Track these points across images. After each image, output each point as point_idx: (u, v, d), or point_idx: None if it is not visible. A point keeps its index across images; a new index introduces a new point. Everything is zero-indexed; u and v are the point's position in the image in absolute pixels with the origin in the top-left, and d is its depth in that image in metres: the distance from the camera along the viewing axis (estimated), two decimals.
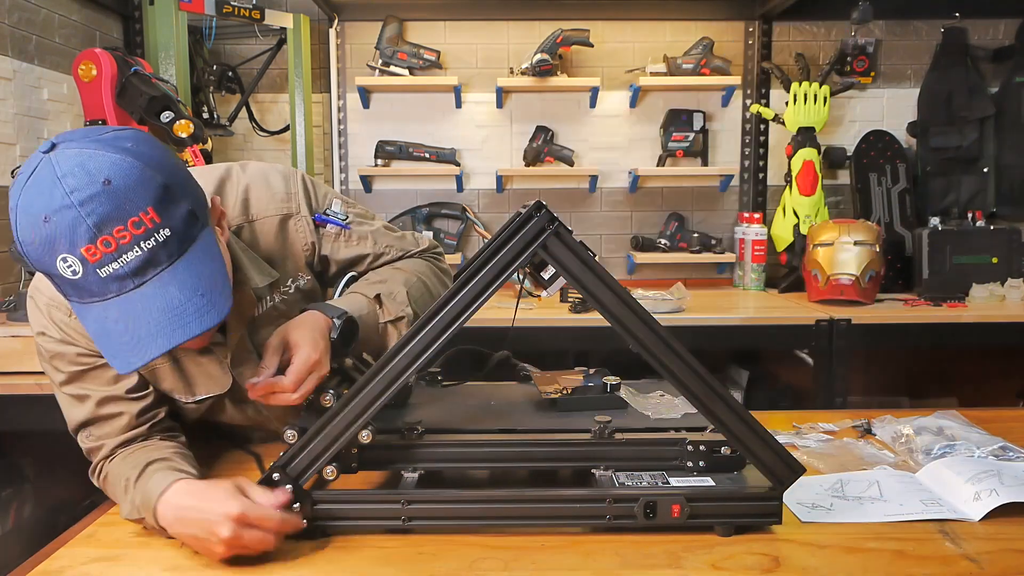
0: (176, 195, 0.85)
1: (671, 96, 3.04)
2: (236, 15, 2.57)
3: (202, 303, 0.86)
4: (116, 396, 1.06)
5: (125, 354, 0.85)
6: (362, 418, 0.96)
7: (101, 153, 0.82)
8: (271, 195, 1.15)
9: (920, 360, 3.04)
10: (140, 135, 0.87)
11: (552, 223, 0.92)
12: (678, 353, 0.94)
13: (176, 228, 0.85)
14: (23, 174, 0.83)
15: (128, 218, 0.81)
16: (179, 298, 0.85)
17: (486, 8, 2.94)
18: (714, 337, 2.38)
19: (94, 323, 0.85)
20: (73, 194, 0.79)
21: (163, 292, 0.84)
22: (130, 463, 1.03)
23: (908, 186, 2.95)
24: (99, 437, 1.07)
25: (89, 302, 0.85)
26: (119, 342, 0.85)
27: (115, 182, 0.81)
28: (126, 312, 0.84)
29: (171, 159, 0.89)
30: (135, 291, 0.83)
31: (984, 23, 3.01)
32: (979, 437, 1.29)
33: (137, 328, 0.84)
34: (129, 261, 0.82)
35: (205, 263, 0.88)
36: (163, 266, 0.84)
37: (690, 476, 1.04)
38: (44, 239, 0.80)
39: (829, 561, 0.92)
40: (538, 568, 0.91)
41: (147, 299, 0.84)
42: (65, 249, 0.80)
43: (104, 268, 0.81)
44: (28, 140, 2.21)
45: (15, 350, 1.71)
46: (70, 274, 0.82)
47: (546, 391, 1.23)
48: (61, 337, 1.04)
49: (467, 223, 3.03)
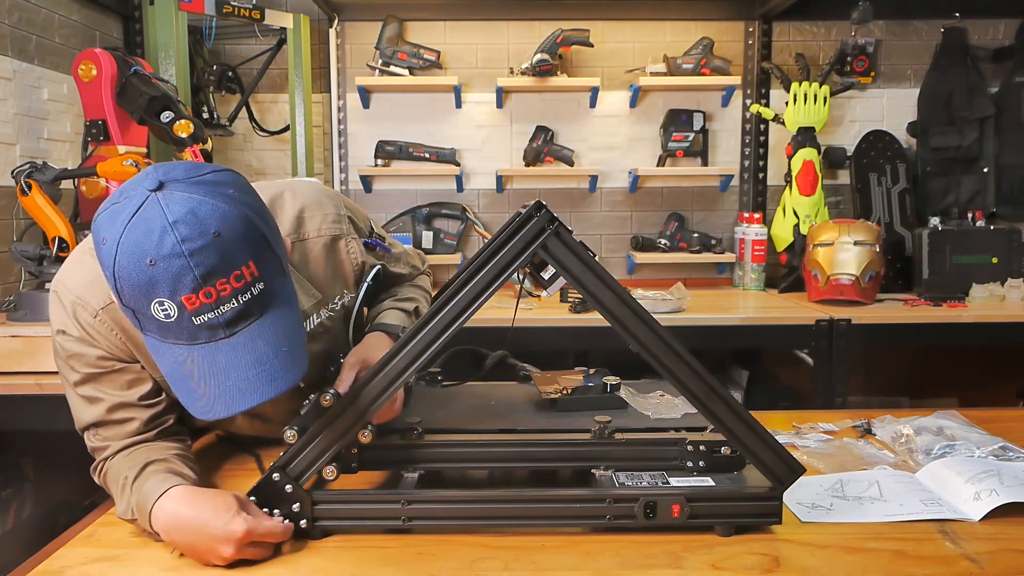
0: (269, 246, 0.87)
1: (671, 96, 3.04)
2: (236, 15, 2.57)
3: (287, 358, 0.86)
4: (129, 403, 1.06)
5: (207, 401, 0.85)
6: (362, 418, 0.96)
7: (210, 201, 0.82)
8: (323, 215, 1.17)
9: (920, 360, 3.04)
10: (236, 178, 0.89)
11: (552, 223, 0.92)
12: (678, 353, 0.94)
13: (268, 281, 0.86)
14: (125, 208, 0.82)
15: (232, 271, 0.82)
16: (267, 353, 0.85)
17: (486, 8, 2.94)
18: (714, 337, 2.38)
19: (173, 365, 0.85)
20: (184, 243, 0.79)
21: (252, 346, 0.85)
22: (129, 462, 1.03)
23: (908, 186, 2.95)
24: (106, 439, 1.07)
25: (173, 343, 0.85)
26: (202, 389, 0.85)
27: (224, 235, 0.81)
28: (212, 360, 0.84)
29: (263, 207, 0.90)
30: (224, 341, 0.84)
31: (984, 23, 3.01)
32: (979, 437, 1.29)
33: (226, 379, 0.84)
34: (225, 312, 0.83)
35: (288, 316, 0.89)
36: (254, 319, 0.85)
37: (690, 476, 1.05)
38: (145, 281, 0.80)
39: (829, 561, 0.92)
40: (538, 568, 0.91)
41: (236, 351, 0.84)
42: (165, 295, 0.81)
43: (200, 316, 0.82)
44: (28, 140, 2.21)
45: (15, 350, 1.71)
46: (163, 317, 0.82)
47: (546, 391, 1.23)
48: (81, 337, 1.03)
49: (467, 223, 3.03)
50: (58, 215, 1.85)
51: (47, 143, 2.30)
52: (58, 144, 2.35)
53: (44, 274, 1.84)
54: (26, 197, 1.84)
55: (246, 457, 1.28)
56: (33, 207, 1.85)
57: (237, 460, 1.27)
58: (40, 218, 1.85)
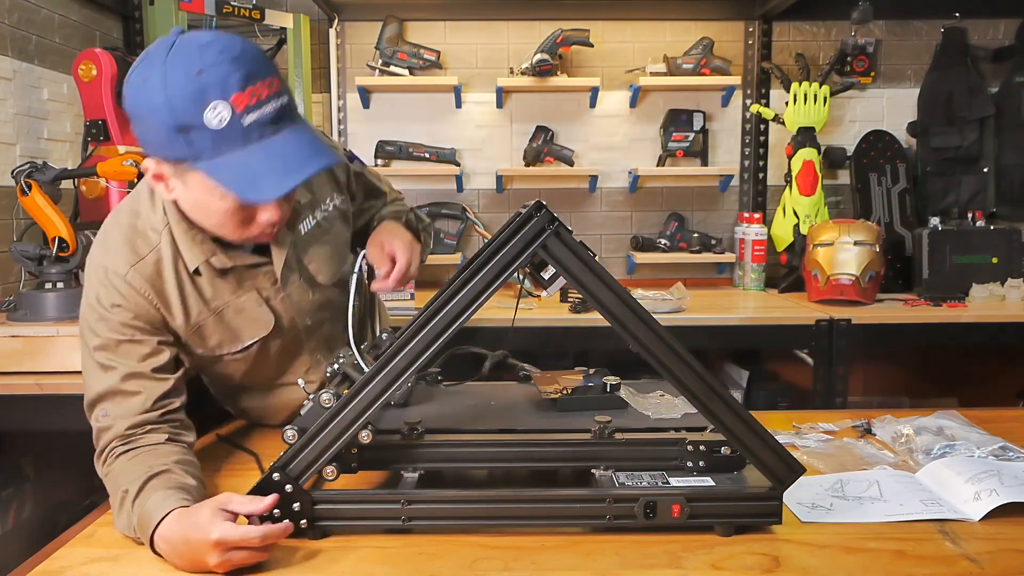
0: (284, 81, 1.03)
1: (671, 96, 3.04)
2: (236, 15, 2.57)
3: (322, 149, 1.02)
4: (141, 373, 1.10)
5: (277, 179, 0.98)
6: (362, 418, 0.96)
7: (229, 35, 0.99)
8: None
9: (920, 360, 3.04)
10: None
11: (552, 223, 0.92)
12: (678, 353, 0.94)
13: (290, 100, 1.02)
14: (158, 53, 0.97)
15: (267, 77, 0.98)
16: (311, 138, 1.02)
17: (486, 8, 2.94)
18: (714, 337, 2.38)
19: (234, 170, 0.97)
20: (223, 52, 0.95)
21: (299, 135, 1.00)
22: (130, 474, 1.01)
23: (908, 186, 2.95)
24: (112, 416, 1.08)
25: (228, 153, 0.96)
26: (268, 176, 0.97)
27: (249, 53, 0.98)
28: (270, 150, 0.97)
29: None
30: (274, 137, 0.98)
31: (984, 23, 3.01)
32: (979, 437, 1.29)
33: (285, 157, 0.98)
34: (267, 112, 0.97)
35: (312, 130, 1.06)
36: (289, 122, 1.00)
37: (690, 476, 1.05)
38: (197, 90, 0.94)
39: (829, 561, 0.92)
40: (538, 568, 0.91)
41: (286, 139, 0.99)
42: (217, 96, 0.94)
43: (248, 115, 0.95)
44: (28, 140, 2.21)
45: (15, 350, 1.71)
46: (216, 123, 0.95)
47: (546, 391, 1.23)
48: (113, 301, 1.11)
49: (467, 223, 3.03)
50: (58, 215, 1.85)
51: (47, 143, 2.30)
52: (58, 144, 2.35)
53: (44, 274, 1.84)
54: (26, 197, 1.84)
55: (246, 457, 1.28)
56: (33, 207, 1.85)
57: (237, 460, 1.27)
58: (40, 218, 1.85)
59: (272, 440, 1.36)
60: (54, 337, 1.71)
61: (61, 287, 1.83)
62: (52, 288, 1.83)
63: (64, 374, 1.69)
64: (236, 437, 1.38)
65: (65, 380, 1.67)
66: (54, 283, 1.84)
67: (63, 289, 1.83)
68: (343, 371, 1.15)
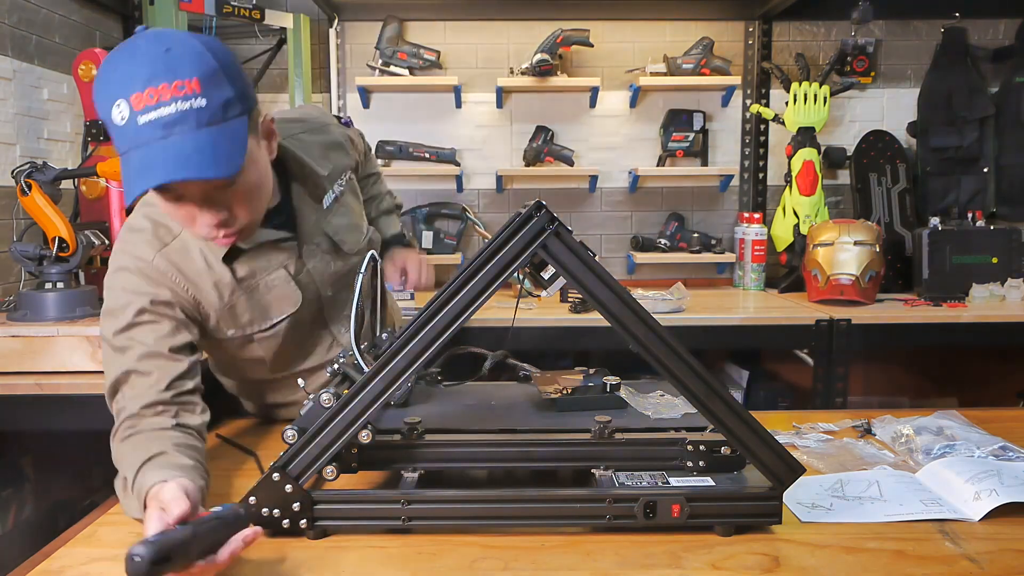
0: (223, 80, 0.98)
1: (671, 96, 3.04)
2: (236, 15, 2.57)
3: (206, 161, 0.97)
4: (158, 352, 1.12)
5: (136, 181, 0.96)
6: (362, 418, 0.96)
7: (175, 32, 1.00)
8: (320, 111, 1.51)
9: (920, 360, 3.04)
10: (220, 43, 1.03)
11: (552, 223, 0.92)
12: (678, 353, 0.94)
13: (212, 104, 0.97)
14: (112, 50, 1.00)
15: (174, 79, 0.95)
16: (189, 150, 0.96)
17: (486, 8, 2.94)
18: (714, 337, 2.38)
19: (126, 169, 0.97)
20: (138, 52, 0.96)
21: (181, 144, 0.96)
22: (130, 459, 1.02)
23: (908, 186, 2.95)
24: (129, 398, 1.09)
25: (130, 151, 0.96)
26: (134, 178, 0.96)
27: (174, 51, 0.96)
28: (146, 155, 0.96)
29: (236, 62, 1.03)
30: (160, 142, 0.95)
31: (984, 23, 3.01)
32: (979, 437, 1.29)
33: (152, 164, 0.96)
34: (163, 116, 0.94)
35: (224, 143, 0.99)
36: (189, 128, 0.96)
37: (690, 476, 1.04)
38: (107, 85, 0.96)
39: (829, 561, 0.92)
40: (538, 568, 0.91)
41: (166, 148, 0.95)
42: (119, 94, 0.94)
43: (144, 116, 0.94)
44: (28, 140, 2.21)
45: (15, 350, 1.71)
46: (119, 120, 0.95)
47: (546, 391, 1.23)
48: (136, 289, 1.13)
49: (467, 223, 3.03)
50: (58, 215, 1.85)
51: (47, 143, 2.30)
52: (58, 144, 2.35)
53: (44, 274, 1.84)
54: (26, 197, 1.84)
55: (246, 457, 1.28)
56: (33, 207, 1.85)
57: (237, 460, 1.27)
58: (40, 218, 1.85)
59: (272, 440, 1.36)
60: (54, 337, 1.71)
61: (61, 287, 1.83)
62: (52, 288, 1.83)
63: (64, 374, 1.69)
64: (236, 437, 1.38)
65: (65, 380, 1.67)
66: (54, 283, 1.84)
67: (63, 289, 1.83)
68: (343, 371, 1.15)
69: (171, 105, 0.94)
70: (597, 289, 0.94)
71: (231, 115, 0.99)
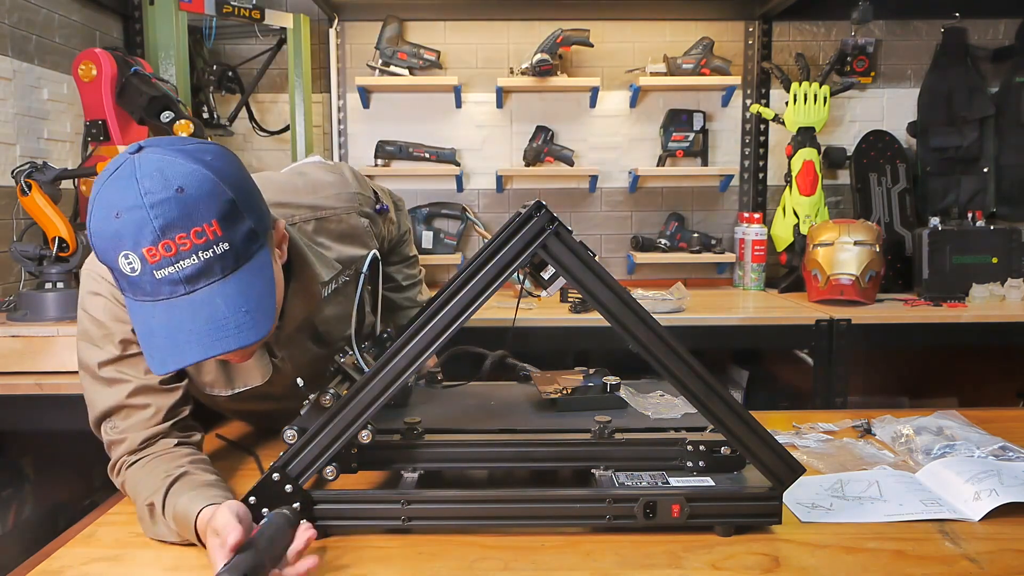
0: (241, 213, 0.90)
1: (671, 96, 3.04)
2: (236, 15, 2.57)
3: (245, 320, 0.88)
4: (150, 387, 1.07)
5: (162, 356, 0.87)
6: (362, 418, 0.96)
7: (180, 162, 0.86)
8: (336, 194, 1.29)
9: (920, 360, 3.04)
10: (220, 150, 0.92)
11: (552, 223, 0.92)
12: (678, 353, 0.94)
13: (235, 244, 0.89)
14: (108, 170, 0.88)
15: (192, 227, 0.85)
16: (224, 311, 0.87)
17: (486, 8, 2.94)
18: (714, 337, 2.38)
19: (140, 321, 0.89)
20: (147, 196, 0.84)
21: (210, 303, 0.87)
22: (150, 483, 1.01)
23: (908, 186, 2.95)
24: (123, 430, 1.06)
25: (141, 300, 0.88)
26: (159, 344, 0.88)
27: (187, 191, 0.85)
28: (171, 316, 0.87)
29: (245, 177, 0.94)
30: (184, 297, 0.87)
31: (984, 23, 3.01)
32: (979, 437, 1.29)
33: (178, 334, 0.87)
34: (185, 268, 0.86)
35: (256, 283, 0.91)
36: (216, 278, 0.88)
37: (690, 476, 1.05)
38: (112, 233, 0.85)
39: (829, 561, 0.92)
40: (538, 568, 0.91)
41: (194, 306, 0.87)
42: (129, 246, 0.84)
43: (161, 271, 0.85)
44: (28, 140, 2.21)
45: (15, 350, 1.71)
46: (129, 270, 0.86)
47: (546, 391, 1.23)
48: (117, 315, 1.06)
49: (467, 223, 3.03)
50: (58, 215, 1.85)
51: (47, 143, 2.30)
52: (58, 144, 2.35)
53: (44, 274, 1.84)
54: (26, 197, 1.84)
55: (246, 457, 1.28)
56: (33, 207, 1.85)
57: (237, 460, 1.27)
58: (40, 218, 1.85)
59: (272, 440, 1.36)
60: (54, 337, 1.71)
61: (61, 287, 1.83)
62: (52, 288, 1.83)
63: (64, 374, 1.69)
64: (236, 437, 1.38)
65: (65, 380, 1.67)
66: (54, 283, 1.84)
67: (63, 289, 1.83)
68: (343, 371, 1.15)
69: (191, 256, 0.85)
70: (597, 289, 0.94)
71: (254, 249, 0.91)
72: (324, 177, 1.31)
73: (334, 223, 1.26)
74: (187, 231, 0.85)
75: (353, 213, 1.30)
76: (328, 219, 1.25)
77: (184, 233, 0.84)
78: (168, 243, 0.84)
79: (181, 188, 0.84)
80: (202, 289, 0.87)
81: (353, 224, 1.29)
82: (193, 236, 0.85)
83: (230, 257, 0.88)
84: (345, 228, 1.27)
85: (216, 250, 0.87)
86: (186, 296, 0.86)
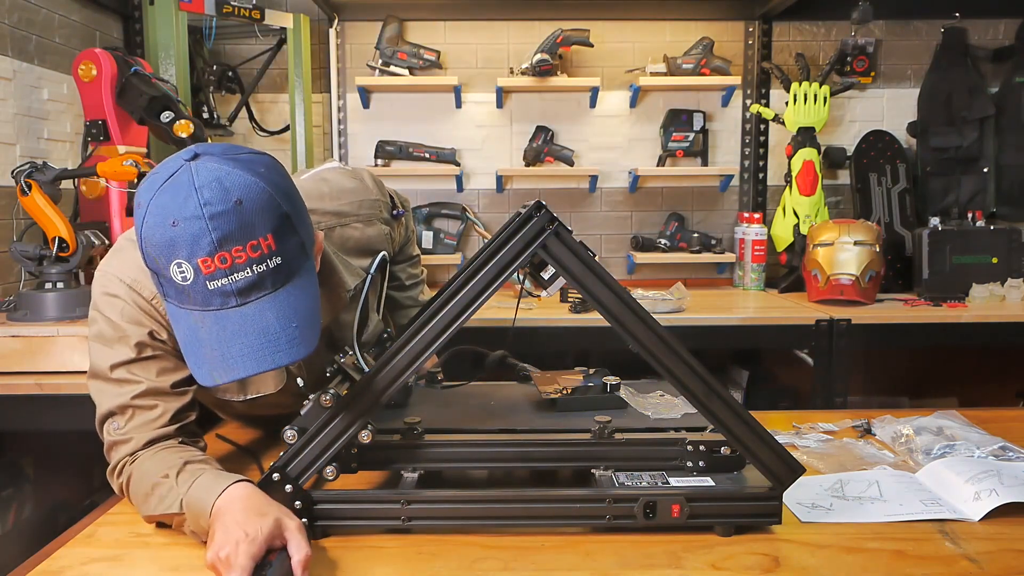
0: (294, 227, 0.90)
1: (671, 96, 3.04)
2: (236, 15, 2.57)
3: (295, 334, 0.88)
4: (160, 389, 1.06)
5: (211, 367, 0.88)
6: (362, 418, 0.96)
7: (239, 173, 0.86)
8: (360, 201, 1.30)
9: (920, 360, 3.04)
10: (272, 161, 0.93)
11: (552, 223, 0.92)
12: (678, 353, 0.94)
13: (287, 258, 0.89)
14: (161, 175, 0.87)
15: (248, 241, 0.85)
16: (275, 326, 0.87)
17: (486, 8, 2.94)
18: (714, 337, 2.38)
19: (186, 329, 0.89)
20: (206, 207, 0.84)
21: (261, 316, 0.87)
22: (163, 464, 1.00)
23: (908, 186, 2.95)
24: (127, 431, 1.04)
25: (187, 308, 0.88)
26: (208, 355, 0.88)
27: (246, 204, 0.85)
28: (222, 328, 0.87)
29: (295, 190, 0.94)
30: (235, 309, 0.87)
31: (984, 23, 3.01)
32: (979, 437, 1.29)
33: (230, 347, 0.87)
34: (238, 280, 0.86)
35: (304, 296, 0.91)
36: (267, 291, 0.88)
37: (690, 476, 1.05)
38: (167, 241, 0.84)
39: (829, 561, 0.92)
40: (538, 568, 0.91)
41: (245, 319, 0.87)
42: (184, 256, 0.84)
43: (214, 281, 0.85)
44: (28, 140, 2.21)
45: (15, 350, 1.71)
46: (180, 279, 0.86)
47: (546, 391, 1.23)
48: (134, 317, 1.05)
49: (467, 223, 3.03)
50: (58, 215, 1.85)
51: (47, 143, 2.30)
52: (58, 144, 2.35)
53: (44, 274, 1.84)
54: (26, 197, 1.84)
55: (246, 457, 1.28)
56: (33, 207, 1.85)
57: (237, 460, 1.27)
58: (40, 218, 1.85)
59: (272, 440, 1.36)
60: (54, 337, 1.71)
61: (61, 287, 1.83)
62: (52, 288, 1.83)
63: (64, 374, 1.69)
64: (236, 437, 1.38)
65: (65, 380, 1.67)
66: (54, 283, 1.84)
67: (63, 289, 1.83)
68: (343, 371, 1.15)
69: (246, 269, 0.86)
70: (597, 289, 0.94)
71: (302, 264, 0.92)
72: (346, 184, 1.31)
73: (356, 230, 1.26)
74: (243, 244, 0.85)
75: (375, 220, 1.31)
76: (350, 226, 1.26)
77: (240, 246, 0.85)
78: (224, 255, 0.84)
79: (240, 200, 0.85)
80: (253, 302, 0.87)
81: (373, 231, 1.29)
82: (249, 250, 0.85)
83: (282, 271, 0.88)
84: (365, 236, 1.28)
85: (269, 264, 0.87)
86: (237, 308, 0.87)
